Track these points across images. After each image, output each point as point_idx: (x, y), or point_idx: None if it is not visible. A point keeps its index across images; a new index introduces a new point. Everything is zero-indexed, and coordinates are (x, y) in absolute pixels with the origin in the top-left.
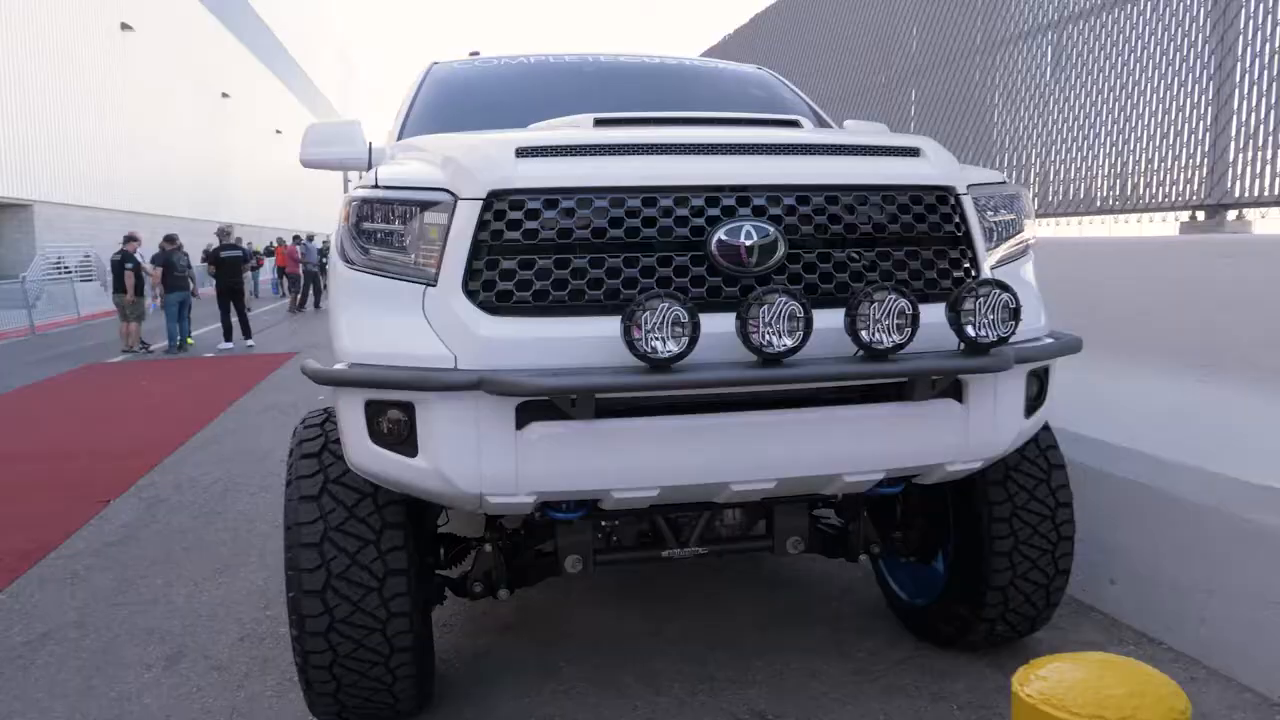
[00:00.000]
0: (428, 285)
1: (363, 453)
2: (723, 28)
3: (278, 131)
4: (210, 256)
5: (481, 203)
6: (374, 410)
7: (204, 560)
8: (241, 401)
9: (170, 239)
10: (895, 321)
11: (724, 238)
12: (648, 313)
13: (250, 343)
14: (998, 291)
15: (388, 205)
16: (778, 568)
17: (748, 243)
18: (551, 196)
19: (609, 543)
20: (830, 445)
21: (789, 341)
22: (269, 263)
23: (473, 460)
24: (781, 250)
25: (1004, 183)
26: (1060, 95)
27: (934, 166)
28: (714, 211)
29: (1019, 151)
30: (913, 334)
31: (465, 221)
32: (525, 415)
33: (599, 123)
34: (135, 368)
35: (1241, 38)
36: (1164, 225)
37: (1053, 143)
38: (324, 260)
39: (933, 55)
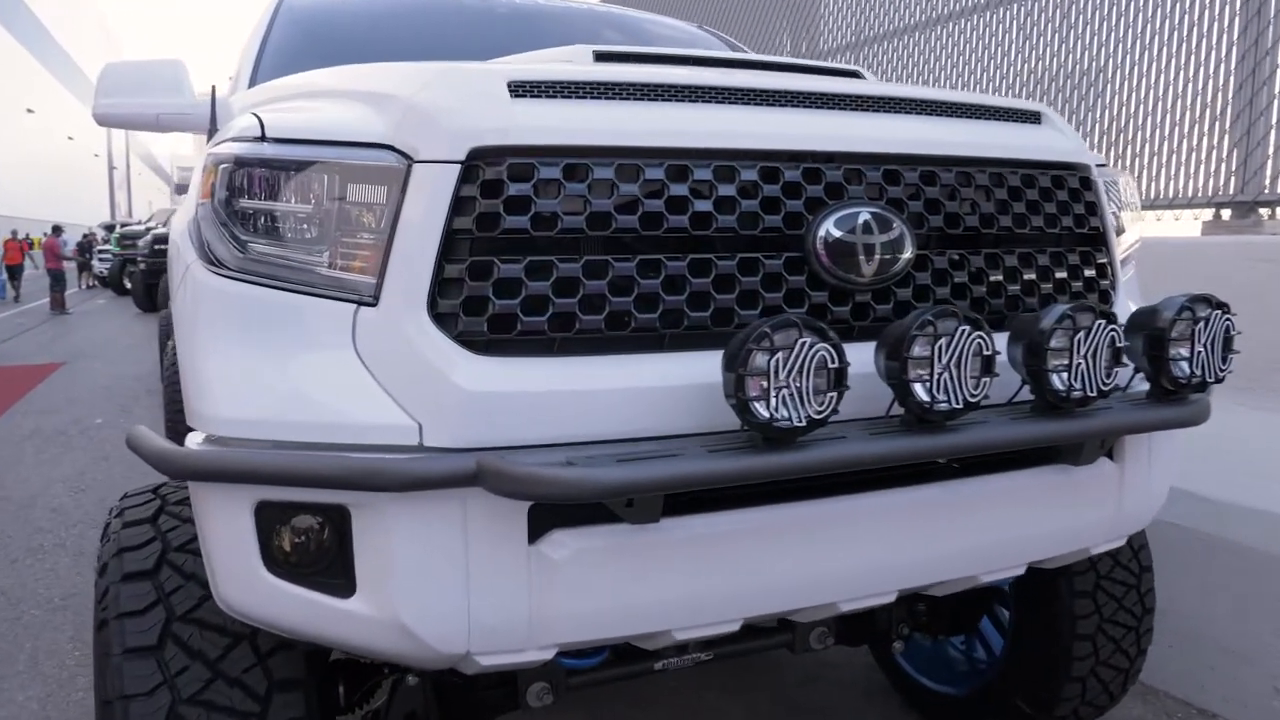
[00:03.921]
0: (361, 304)
1: (249, 587)
2: None
3: (29, 111)
4: None
5: (459, 167)
6: (271, 518)
7: None
8: None
9: None
10: (1104, 360)
11: (834, 231)
12: (780, 353)
13: None
14: (1219, 314)
15: (282, 170)
16: None
17: (868, 239)
18: (575, 160)
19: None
20: (973, 534)
21: (969, 393)
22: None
23: (457, 600)
24: (909, 251)
25: (1105, 165)
26: (1030, 74)
27: (1067, 138)
28: (815, 191)
29: None
30: (1118, 375)
31: (430, 199)
32: (543, 520)
33: (600, 57)
34: None
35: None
36: (1178, 224)
37: None
38: (89, 257)
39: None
